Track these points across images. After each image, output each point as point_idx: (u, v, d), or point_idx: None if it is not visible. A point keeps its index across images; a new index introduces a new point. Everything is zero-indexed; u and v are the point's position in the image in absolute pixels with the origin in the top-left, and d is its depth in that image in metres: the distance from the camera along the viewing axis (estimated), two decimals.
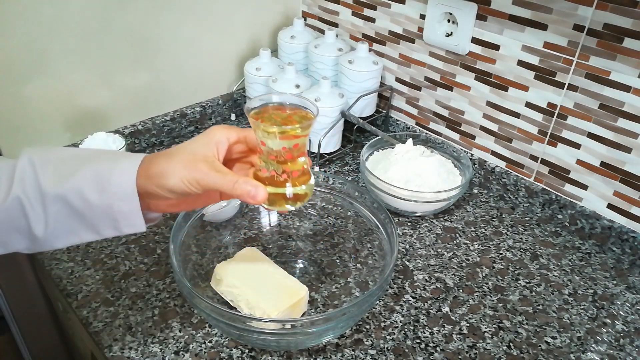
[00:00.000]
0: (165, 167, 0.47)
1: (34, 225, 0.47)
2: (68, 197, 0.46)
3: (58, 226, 0.48)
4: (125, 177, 0.47)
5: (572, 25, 0.77)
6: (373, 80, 1.03)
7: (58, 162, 0.48)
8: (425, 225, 0.89)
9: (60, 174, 0.47)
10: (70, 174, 0.47)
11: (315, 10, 1.16)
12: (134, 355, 0.66)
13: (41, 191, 0.46)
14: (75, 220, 0.48)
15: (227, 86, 1.15)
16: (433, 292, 0.76)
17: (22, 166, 0.47)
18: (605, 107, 0.78)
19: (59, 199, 0.46)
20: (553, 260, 0.83)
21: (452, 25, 0.92)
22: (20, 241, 0.49)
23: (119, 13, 0.92)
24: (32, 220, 0.47)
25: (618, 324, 0.73)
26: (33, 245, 0.49)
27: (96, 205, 0.47)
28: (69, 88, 0.92)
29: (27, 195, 0.46)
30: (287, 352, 0.67)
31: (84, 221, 0.48)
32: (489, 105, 0.93)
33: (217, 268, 0.72)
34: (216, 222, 0.80)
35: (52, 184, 0.46)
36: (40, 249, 0.49)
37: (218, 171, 0.47)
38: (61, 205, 0.47)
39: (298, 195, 0.50)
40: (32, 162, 0.47)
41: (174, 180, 0.47)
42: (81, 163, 0.48)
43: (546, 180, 0.90)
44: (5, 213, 0.46)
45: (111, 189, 0.46)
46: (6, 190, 0.46)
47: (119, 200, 0.47)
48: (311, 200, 0.81)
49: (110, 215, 0.47)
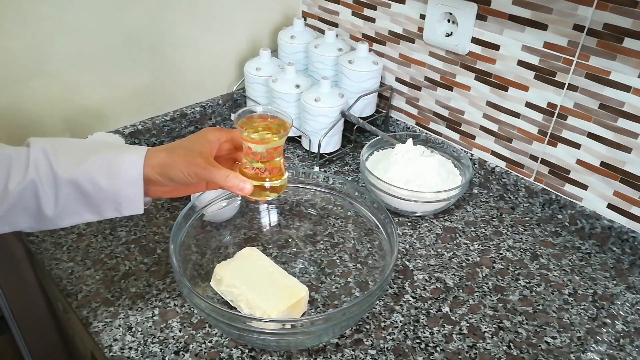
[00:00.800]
0: (168, 160, 0.55)
1: (45, 206, 0.53)
2: (80, 181, 0.52)
3: (66, 207, 0.54)
4: (133, 165, 0.54)
5: (572, 25, 0.77)
6: (373, 80, 1.03)
7: (68, 150, 0.54)
8: (425, 225, 0.89)
9: (71, 160, 0.53)
10: (82, 161, 0.53)
11: (315, 10, 1.16)
12: (134, 355, 0.66)
13: (54, 175, 0.52)
14: (83, 203, 0.54)
15: (227, 86, 1.15)
16: (433, 292, 0.76)
17: (35, 153, 0.52)
18: (605, 107, 0.78)
19: (71, 183, 0.52)
20: (553, 260, 0.83)
21: (452, 25, 0.92)
22: (26, 220, 0.54)
23: (119, 13, 0.92)
24: (43, 201, 0.52)
25: (618, 324, 0.73)
26: (38, 224, 0.55)
27: (105, 190, 0.53)
28: (69, 88, 0.92)
29: (40, 179, 0.52)
30: (287, 352, 0.67)
31: (90, 203, 0.54)
32: (489, 105, 0.93)
33: (217, 268, 0.72)
34: (216, 222, 0.80)
35: (65, 169, 0.52)
36: (43, 228, 0.55)
37: (213, 166, 0.55)
38: (72, 189, 0.53)
39: (275, 188, 0.59)
40: (43, 149, 0.53)
41: (176, 171, 0.54)
42: (90, 152, 0.54)
43: (546, 180, 0.90)
44: (20, 195, 0.52)
45: (120, 175, 0.53)
46: (22, 174, 0.51)
47: (126, 186, 0.54)
48: (311, 200, 0.82)
49: (116, 199, 0.54)
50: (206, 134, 0.58)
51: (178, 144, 0.58)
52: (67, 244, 0.82)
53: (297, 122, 1.04)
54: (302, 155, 1.06)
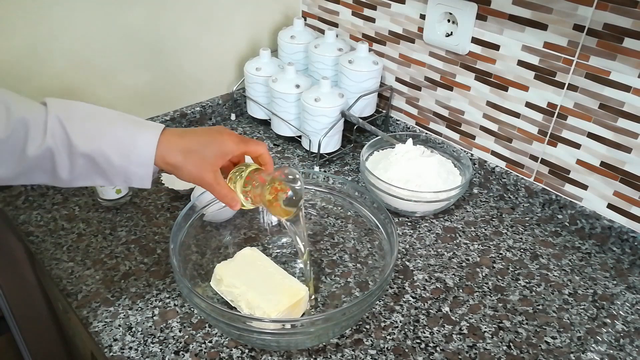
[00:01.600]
0: (180, 164, 0.58)
1: (60, 171, 0.55)
2: (94, 156, 0.55)
3: (80, 174, 0.57)
4: (146, 149, 0.56)
5: (572, 25, 0.77)
6: (373, 80, 1.03)
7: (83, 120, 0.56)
8: (425, 225, 0.89)
9: (87, 134, 0.55)
10: (97, 136, 0.55)
11: (315, 10, 1.16)
12: (134, 355, 0.66)
13: (71, 147, 0.54)
14: (96, 172, 0.57)
15: (227, 86, 1.15)
16: (433, 292, 0.76)
17: (52, 122, 0.54)
18: (605, 107, 0.78)
19: (85, 156, 0.55)
20: (553, 260, 0.83)
21: (452, 25, 0.92)
22: (42, 179, 0.57)
23: (119, 13, 0.92)
24: (59, 166, 0.55)
25: (618, 324, 0.73)
26: (53, 183, 0.57)
27: (117, 166, 0.56)
28: (69, 88, 0.92)
29: (57, 147, 0.54)
30: (287, 352, 0.67)
31: (103, 174, 0.57)
32: (489, 105, 0.93)
33: (217, 268, 0.72)
34: (216, 222, 0.80)
35: (81, 142, 0.54)
36: (58, 186, 0.58)
37: (218, 184, 0.60)
38: (87, 161, 0.55)
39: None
40: (59, 119, 0.54)
41: (184, 175, 0.59)
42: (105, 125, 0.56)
43: (546, 180, 0.90)
44: (37, 159, 0.54)
45: (132, 157, 0.56)
46: (41, 140, 0.53)
47: (137, 166, 0.56)
48: (311, 200, 0.82)
49: (126, 174, 0.57)
50: (225, 145, 0.60)
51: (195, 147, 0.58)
52: (67, 244, 0.82)
53: (297, 122, 1.04)
54: (302, 155, 1.06)
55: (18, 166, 0.54)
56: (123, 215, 0.88)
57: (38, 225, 0.86)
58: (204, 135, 0.60)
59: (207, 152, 0.59)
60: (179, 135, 0.59)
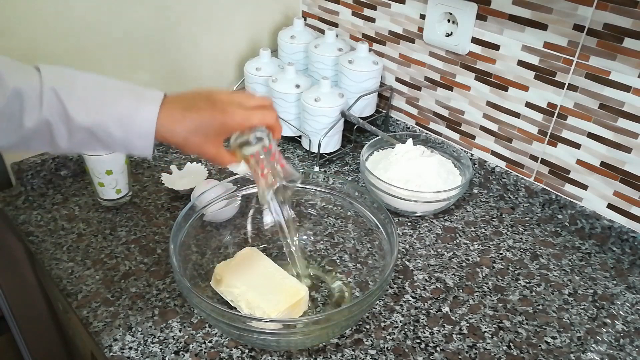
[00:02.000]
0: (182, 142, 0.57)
1: (59, 141, 0.55)
2: (93, 129, 0.54)
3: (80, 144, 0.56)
4: (147, 124, 0.55)
5: (572, 25, 0.77)
6: (373, 80, 1.03)
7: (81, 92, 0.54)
8: (425, 225, 0.89)
9: (85, 107, 0.54)
10: (96, 110, 0.54)
11: (315, 10, 1.16)
12: (134, 355, 0.66)
13: (68, 120, 0.53)
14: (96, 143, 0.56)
15: (227, 86, 1.15)
16: (433, 292, 0.76)
17: (48, 94, 0.52)
18: (605, 107, 0.78)
19: (85, 130, 0.54)
20: (553, 260, 0.83)
21: (452, 25, 0.92)
22: (42, 147, 0.56)
23: (119, 13, 0.92)
24: (58, 137, 0.54)
25: (618, 324, 0.73)
26: (53, 151, 0.57)
27: (118, 138, 0.55)
28: None
29: (55, 119, 0.53)
30: (287, 352, 0.67)
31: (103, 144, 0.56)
32: (489, 105, 0.93)
33: (217, 268, 0.72)
34: (216, 222, 0.80)
35: (79, 116, 0.53)
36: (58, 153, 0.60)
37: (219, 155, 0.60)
38: (86, 134, 0.55)
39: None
40: (55, 91, 0.53)
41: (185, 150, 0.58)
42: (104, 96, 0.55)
43: (546, 180, 0.90)
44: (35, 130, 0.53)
45: (133, 130, 0.55)
46: (37, 112, 0.52)
47: (138, 139, 0.55)
48: (311, 200, 0.82)
49: (127, 145, 0.56)
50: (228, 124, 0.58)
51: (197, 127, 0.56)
52: (67, 244, 0.82)
53: (297, 122, 1.04)
54: (302, 155, 1.06)
55: (15, 136, 0.54)
56: (123, 215, 0.88)
57: (38, 225, 0.86)
58: (208, 111, 0.57)
59: (209, 131, 0.57)
60: (181, 111, 0.56)
